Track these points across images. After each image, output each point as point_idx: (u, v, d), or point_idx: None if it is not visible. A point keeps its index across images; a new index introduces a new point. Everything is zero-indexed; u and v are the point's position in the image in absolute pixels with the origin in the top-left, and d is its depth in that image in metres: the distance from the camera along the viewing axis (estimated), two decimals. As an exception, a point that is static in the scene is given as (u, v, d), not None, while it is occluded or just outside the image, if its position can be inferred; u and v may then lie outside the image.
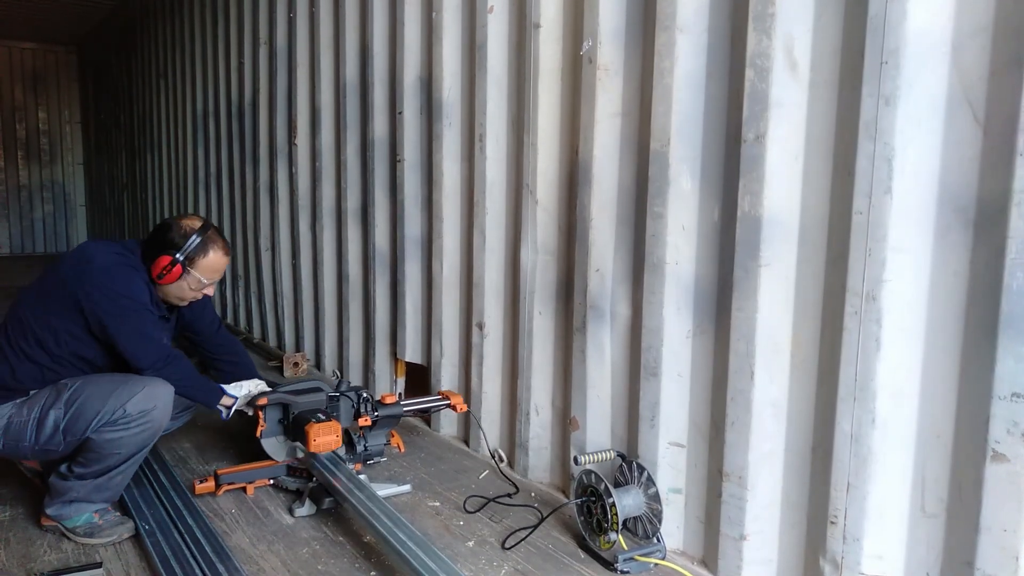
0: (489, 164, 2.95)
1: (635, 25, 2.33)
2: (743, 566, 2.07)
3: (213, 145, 5.95)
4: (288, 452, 2.74)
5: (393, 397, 2.83)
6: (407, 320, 3.58)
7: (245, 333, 5.42)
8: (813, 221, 1.89)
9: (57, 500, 2.31)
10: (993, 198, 1.57)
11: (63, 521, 2.32)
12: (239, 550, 2.27)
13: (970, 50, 1.60)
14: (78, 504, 2.31)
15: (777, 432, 2.00)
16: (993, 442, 1.56)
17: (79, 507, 2.31)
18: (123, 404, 2.20)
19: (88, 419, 2.19)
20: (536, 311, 2.77)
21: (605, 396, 2.52)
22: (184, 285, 2.43)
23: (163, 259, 2.37)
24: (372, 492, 2.32)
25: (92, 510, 2.33)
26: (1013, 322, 1.53)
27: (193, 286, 2.45)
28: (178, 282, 2.41)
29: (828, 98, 1.84)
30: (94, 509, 2.33)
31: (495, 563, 2.22)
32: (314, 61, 4.30)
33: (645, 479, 2.26)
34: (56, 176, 11.17)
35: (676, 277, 2.22)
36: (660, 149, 2.20)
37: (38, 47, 10.92)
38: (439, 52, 3.16)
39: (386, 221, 3.75)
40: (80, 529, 2.31)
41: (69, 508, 2.31)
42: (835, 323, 1.82)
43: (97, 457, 2.24)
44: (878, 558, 1.79)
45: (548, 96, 2.64)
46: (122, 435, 2.22)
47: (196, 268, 2.41)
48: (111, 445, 2.22)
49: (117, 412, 2.19)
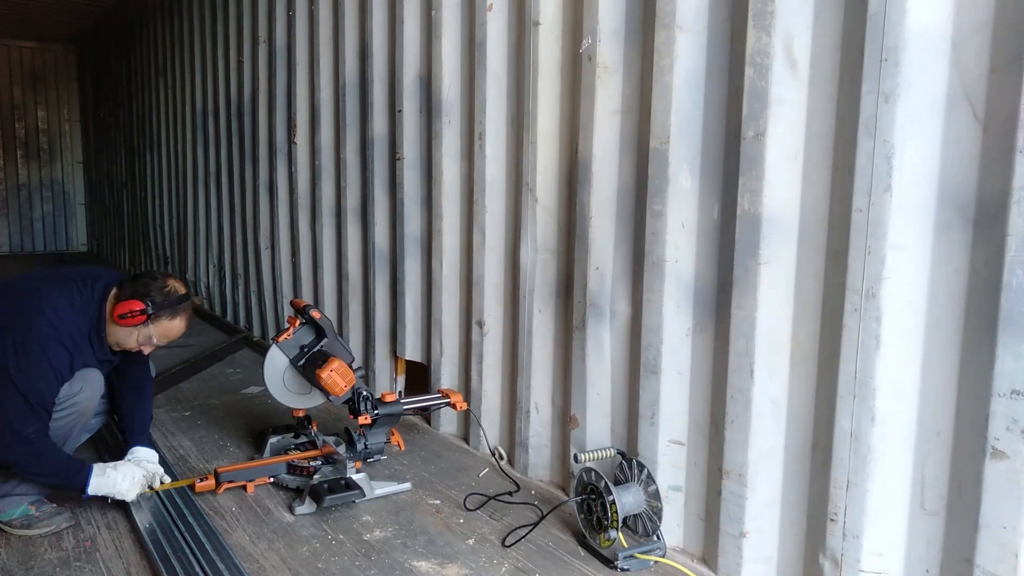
0: (489, 162, 2.95)
1: (634, 23, 2.33)
2: (743, 563, 2.07)
3: (212, 144, 5.94)
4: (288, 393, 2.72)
5: (393, 395, 2.83)
6: (407, 318, 3.58)
7: (245, 331, 5.42)
8: (813, 219, 1.89)
9: None
10: (993, 195, 1.57)
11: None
12: (239, 548, 2.28)
13: (970, 47, 1.60)
14: (11, 498, 2.33)
15: (777, 430, 2.01)
16: (993, 439, 1.56)
17: (12, 501, 2.33)
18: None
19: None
20: (536, 309, 2.77)
21: (605, 394, 2.53)
22: (135, 334, 2.37)
23: (134, 303, 2.31)
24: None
25: (27, 502, 2.35)
26: (1013, 320, 1.53)
27: (141, 339, 2.40)
28: (131, 329, 2.35)
29: (828, 96, 1.84)
30: (29, 501, 2.35)
31: (495, 561, 2.22)
32: (313, 59, 4.30)
33: (645, 477, 2.26)
34: (55, 175, 11.16)
35: (676, 275, 2.22)
36: (660, 147, 2.20)
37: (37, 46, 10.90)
38: (438, 50, 3.15)
39: (386, 219, 3.75)
40: (17, 521, 2.33)
41: (3, 502, 2.32)
42: (835, 321, 1.82)
43: None
44: (878, 555, 1.79)
45: (548, 94, 2.64)
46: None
47: (155, 325, 2.37)
48: None
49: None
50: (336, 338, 2.68)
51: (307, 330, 2.66)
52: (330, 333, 2.64)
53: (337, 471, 2.66)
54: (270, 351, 2.66)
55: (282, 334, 2.64)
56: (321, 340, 2.63)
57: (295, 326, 2.64)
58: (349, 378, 2.50)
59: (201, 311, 6.23)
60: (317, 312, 2.63)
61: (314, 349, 2.62)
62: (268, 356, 2.67)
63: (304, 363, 2.62)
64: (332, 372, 2.47)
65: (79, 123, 11.21)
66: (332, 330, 2.66)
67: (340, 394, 2.51)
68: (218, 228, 5.98)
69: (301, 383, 2.69)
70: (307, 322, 2.65)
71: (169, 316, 2.37)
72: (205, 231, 6.24)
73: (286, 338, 2.64)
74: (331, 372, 2.47)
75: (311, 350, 2.62)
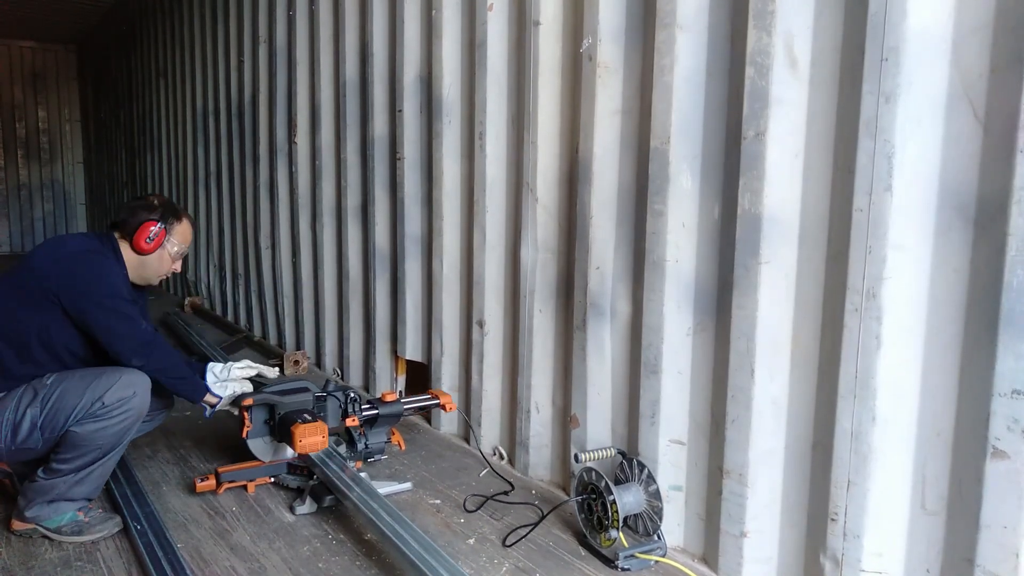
0: (489, 162, 2.94)
1: (635, 22, 2.33)
2: (743, 563, 2.07)
3: (213, 143, 5.95)
4: (274, 452, 2.72)
5: (394, 395, 2.83)
6: (407, 318, 3.58)
7: (245, 331, 5.42)
8: (813, 219, 1.89)
9: (36, 501, 2.27)
10: (993, 195, 1.57)
11: (43, 522, 2.29)
12: (240, 548, 2.28)
13: (970, 47, 1.60)
14: (59, 503, 2.29)
15: (777, 429, 2.01)
16: (993, 439, 1.56)
17: (61, 506, 2.29)
18: (100, 396, 2.19)
19: (66, 414, 2.18)
20: (536, 309, 2.77)
21: (605, 394, 2.53)
22: (165, 254, 2.49)
23: (149, 224, 2.41)
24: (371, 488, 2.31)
25: (75, 508, 2.32)
26: (1013, 319, 1.53)
27: (173, 255, 2.51)
28: (159, 251, 2.46)
29: (828, 95, 1.84)
30: (77, 507, 2.32)
31: (496, 561, 2.22)
32: (314, 59, 4.30)
33: (645, 476, 2.26)
34: (56, 175, 11.17)
35: (676, 275, 2.22)
36: (660, 147, 2.20)
37: (38, 46, 10.91)
38: (439, 50, 3.15)
39: (386, 219, 3.75)
40: (66, 528, 2.30)
41: (49, 508, 2.28)
42: (835, 320, 1.82)
43: (77, 451, 2.22)
44: (878, 555, 1.79)
45: (548, 94, 2.64)
46: (103, 426, 2.21)
47: (173, 234, 2.49)
48: (91, 437, 2.21)
49: (95, 404, 2.18)
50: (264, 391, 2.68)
51: (258, 411, 2.67)
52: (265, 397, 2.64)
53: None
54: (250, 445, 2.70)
55: (244, 430, 2.64)
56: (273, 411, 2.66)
57: (247, 417, 2.64)
58: (321, 431, 2.48)
59: (202, 310, 6.23)
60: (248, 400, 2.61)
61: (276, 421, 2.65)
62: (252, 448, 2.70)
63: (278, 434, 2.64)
64: (304, 442, 2.44)
65: (79, 123, 11.22)
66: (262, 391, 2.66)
67: (324, 447, 2.52)
68: (219, 228, 5.98)
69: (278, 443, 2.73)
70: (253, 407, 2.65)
71: (176, 219, 2.51)
72: (205, 231, 6.24)
73: (249, 429, 2.65)
74: (303, 443, 2.44)
75: (274, 421, 2.66)
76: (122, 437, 2.29)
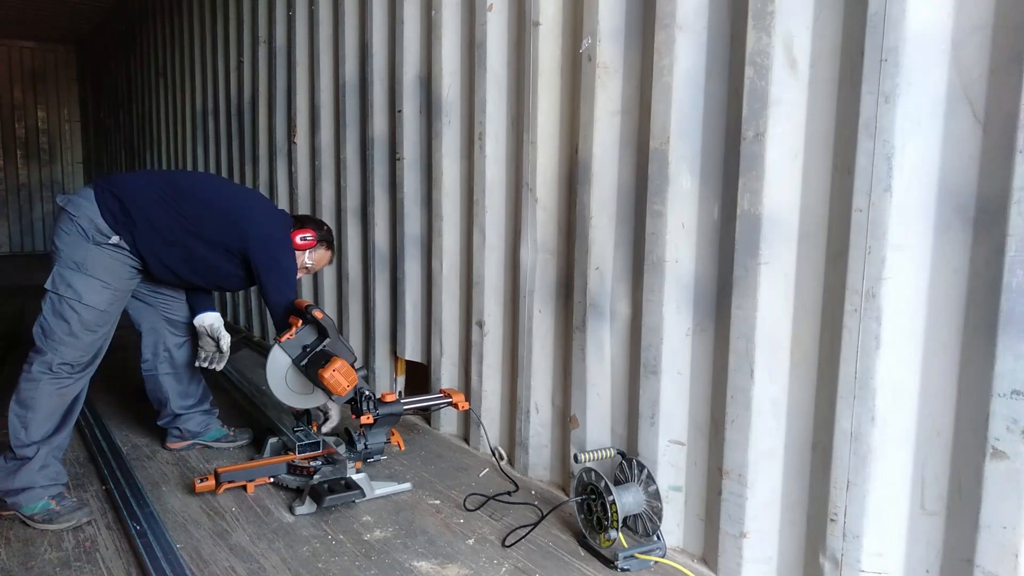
0: (489, 162, 2.95)
1: (634, 23, 2.33)
2: (743, 564, 2.07)
3: (212, 144, 5.95)
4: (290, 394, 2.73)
5: (393, 395, 2.83)
6: (407, 318, 3.58)
7: (245, 331, 5.42)
8: (813, 219, 1.89)
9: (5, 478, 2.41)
10: (993, 195, 1.57)
11: (20, 509, 2.40)
12: (240, 548, 2.28)
13: (969, 47, 1.60)
14: (32, 491, 2.41)
15: (777, 430, 2.01)
16: (993, 439, 1.56)
17: (34, 494, 2.41)
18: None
19: None
20: (536, 309, 2.77)
21: (605, 394, 2.53)
22: (302, 259, 2.88)
23: (309, 231, 2.87)
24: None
25: (48, 495, 2.42)
26: (1013, 320, 1.53)
27: (305, 263, 2.91)
28: (299, 254, 2.85)
29: (828, 96, 1.84)
30: (50, 495, 2.42)
31: (495, 561, 2.22)
32: (313, 59, 4.30)
33: (645, 477, 2.26)
34: (56, 175, 11.17)
35: (676, 275, 2.22)
36: (660, 147, 2.20)
37: (37, 46, 10.91)
38: (438, 50, 3.15)
39: (386, 219, 3.75)
40: (38, 516, 2.39)
41: (24, 495, 2.40)
42: (835, 321, 1.82)
43: None
44: (878, 555, 1.79)
45: (547, 94, 2.64)
46: None
47: (315, 252, 2.92)
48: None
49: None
50: (339, 338, 2.68)
51: (309, 330, 2.66)
52: (332, 333, 2.64)
53: (337, 471, 2.66)
54: (272, 351, 2.67)
55: (284, 334, 2.64)
56: (323, 340, 2.63)
57: (297, 326, 2.65)
58: (352, 378, 2.50)
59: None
60: (319, 312, 2.63)
61: (316, 349, 2.62)
62: (271, 356, 2.67)
63: (307, 363, 2.62)
64: (335, 372, 2.47)
65: (79, 123, 11.22)
66: (335, 330, 2.66)
67: (343, 394, 2.52)
68: (218, 228, 5.97)
69: (304, 383, 2.69)
70: (309, 322, 2.65)
71: (327, 245, 2.96)
72: (205, 231, 6.23)
73: (288, 338, 2.64)
74: (333, 372, 2.47)
75: (313, 350, 2.63)
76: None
